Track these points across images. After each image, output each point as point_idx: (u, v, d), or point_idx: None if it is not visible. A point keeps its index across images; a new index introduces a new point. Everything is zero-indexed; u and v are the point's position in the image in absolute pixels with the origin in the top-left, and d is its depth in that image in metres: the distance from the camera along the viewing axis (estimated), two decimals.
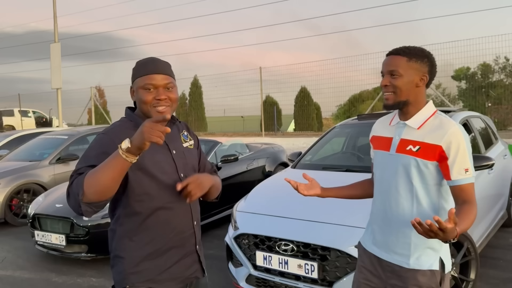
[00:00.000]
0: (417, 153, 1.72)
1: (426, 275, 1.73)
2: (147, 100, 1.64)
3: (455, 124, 1.70)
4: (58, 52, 16.40)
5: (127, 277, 1.66)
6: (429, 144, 1.70)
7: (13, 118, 22.23)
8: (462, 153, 1.66)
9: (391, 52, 1.78)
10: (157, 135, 1.32)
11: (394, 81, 1.73)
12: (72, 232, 4.60)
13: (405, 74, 1.72)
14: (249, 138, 12.97)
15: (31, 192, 6.75)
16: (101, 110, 20.39)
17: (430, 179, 1.72)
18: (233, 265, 3.54)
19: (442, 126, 1.71)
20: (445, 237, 1.41)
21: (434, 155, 1.69)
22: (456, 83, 15.76)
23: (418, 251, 1.75)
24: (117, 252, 1.69)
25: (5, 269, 4.66)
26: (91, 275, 4.36)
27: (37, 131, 9.78)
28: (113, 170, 1.38)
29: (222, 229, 5.36)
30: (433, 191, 1.74)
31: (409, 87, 1.73)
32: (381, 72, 1.80)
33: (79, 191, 1.41)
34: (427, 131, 1.73)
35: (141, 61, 1.70)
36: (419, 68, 1.74)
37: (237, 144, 7.08)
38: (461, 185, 1.67)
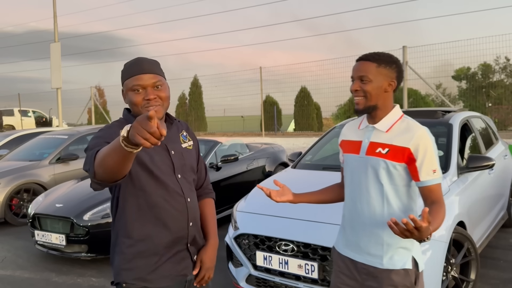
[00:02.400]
0: (386, 155, 1.78)
1: (400, 275, 1.78)
2: (136, 101, 1.62)
3: (421, 127, 1.77)
4: (58, 51, 16.39)
5: (120, 273, 1.67)
6: (398, 147, 1.76)
7: (13, 117, 22.22)
8: (429, 155, 1.72)
9: (361, 58, 1.83)
10: (143, 135, 1.14)
11: (364, 86, 1.78)
12: (72, 232, 4.60)
13: (374, 80, 1.78)
14: (249, 138, 12.96)
15: (31, 191, 6.75)
16: (101, 109, 20.37)
17: (399, 180, 1.78)
18: (233, 265, 3.53)
19: (409, 129, 1.77)
20: (420, 236, 1.46)
21: (402, 157, 1.75)
22: (457, 83, 15.78)
23: (391, 251, 1.79)
24: (114, 247, 1.72)
25: (5, 269, 4.66)
26: (91, 275, 4.36)
27: (37, 131, 9.77)
28: (117, 155, 1.29)
29: (222, 229, 5.34)
30: (402, 192, 1.79)
31: (378, 92, 1.79)
32: (351, 77, 1.85)
33: (90, 168, 1.42)
34: (395, 134, 1.79)
35: (128, 63, 1.68)
36: (387, 74, 1.79)
37: (237, 144, 7.07)
38: (430, 186, 1.73)
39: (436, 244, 2.92)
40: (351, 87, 1.83)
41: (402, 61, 10.68)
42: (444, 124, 4.07)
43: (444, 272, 3.04)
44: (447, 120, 4.11)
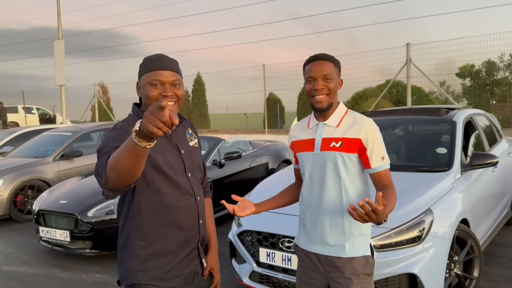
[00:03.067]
0: (341, 148, 1.90)
1: (361, 262, 1.90)
2: (152, 95, 1.63)
3: (367, 118, 1.92)
4: (62, 49, 16.42)
5: (134, 275, 1.66)
6: (350, 139, 1.89)
7: (17, 115, 22.31)
8: (377, 143, 1.88)
9: (320, 58, 1.93)
10: (155, 124, 1.15)
11: (329, 84, 1.90)
12: (76, 228, 4.63)
13: (334, 78, 1.92)
14: (252, 135, 12.96)
15: (36, 188, 6.79)
16: (105, 107, 20.41)
17: (354, 169, 1.91)
18: (237, 261, 3.55)
19: (357, 122, 1.92)
20: (378, 218, 1.57)
21: (355, 148, 1.89)
22: (461, 81, 15.71)
23: (351, 240, 1.90)
24: (125, 248, 1.70)
25: (10, 265, 4.69)
26: (95, 271, 4.38)
27: (41, 127, 9.82)
28: (130, 153, 1.28)
29: (225, 226, 5.37)
30: (357, 180, 1.93)
31: (335, 90, 1.94)
32: (310, 77, 1.92)
33: (102, 174, 1.40)
34: (345, 127, 1.92)
35: (149, 58, 1.70)
36: (338, 73, 1.96)
37: (240, 141, 7.08)
38: (380, 172, 1.88)
39: (439, 241, 2.92)
40: (314, 86, 1.90)
41: (406, 58, 10.69)
42: (448, 122, 4.07)
43: (447, 270, 3.04)
44: (450, 118, 4.11)
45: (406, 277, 2.81)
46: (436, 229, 2.93)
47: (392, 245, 2.82)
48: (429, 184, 3.32)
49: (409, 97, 10.76)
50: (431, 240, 2.89)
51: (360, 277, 1.89)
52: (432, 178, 3.43)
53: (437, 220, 2.97)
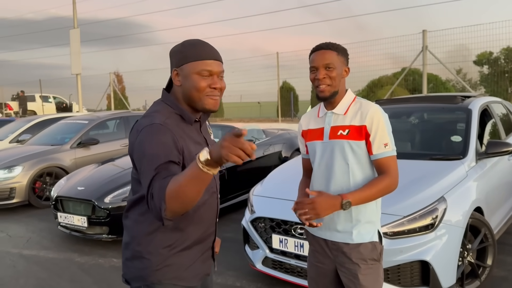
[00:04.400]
0: (348, 136, 1.91)
1: (368, 248, 1.92)
2: (202, 87, 1.53)
3: (374, 105, 1.92)
4: (77, 38, 16.58)
5: (153, 274, 1.56)
6: (356, 126, 1.90)
7: (35, 103, 22.67)
8: (381, 129, 1.86)
9: (322, 47, 1.93)
10: (237, 154, 1.16)
11: (330, 74, 1.90)
12: (94, 214, 4.73)
13: (337, 67, 1.91)
14: (266, 124, 12.97)
15: (54, 175, 6.93)
16: (120, 95, 20.61)
17: (363, 157, 1.91)
18: (250, 247, 3.60)
19: (363, 108, 1.91)
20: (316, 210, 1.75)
21: (361, 135, 1.89)
22: (478, 68, 15.42)
23: (359, 226, 1.92)
24: (143, 246, 1.57)
25: (30, 249, 4.83)
26: (112, 256, 4.49)
27: (58, 116, 9.97)
28: (196, 182, 1.25)
29: (239, 213, 5.43)
30: (366, 168, 1.93)
31: (340, 78, 1.93)
32: (312, 67, 1.94)
33: (161, 205, 1.32)
34: (352, 115, 1.93)
35: (193, 44, 1.57)
36: (343, 61, 1.94)
37: (253, 130, 7.10)
38: (381, 159, 1.87)
39: (452, 229, 2.92)
40: (316, 76, 1.91)
41: (422, 45, 10.52)
42: (463, 110, 4.02)
43: (460, 258, 3.04)
44: (466, 106, 4.06)
45: (418, 264, 2.82)
46: (449, 217, 2.93)
47: (405, 232, 2.83)
48: (443, 172, 3.31)
49: (425, 85, 10.61)
50: (444, 228, 2.89)
51: (368, 263, 1.91)
52: (447, 166, 3.42)
53: (451, 208, 2.96)
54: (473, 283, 3.20)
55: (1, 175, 6.51)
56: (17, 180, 6.53)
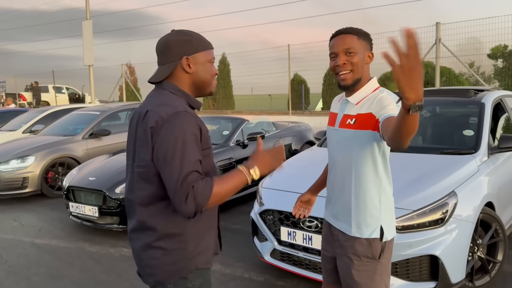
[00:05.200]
0: (354, 126, 1.82)
1: (363, 245, 1.83)
2: (214, 73, 1.68)
3: (385, 91, 1.80)
4: (90, 29, 16.66)
5: (190, 262, 1.59)
6: (363, 114, 1.79)
7: (48, 94, 22.93)
8: (388, 103, 1.71)
9: (341, 32, 1.83)
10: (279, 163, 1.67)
11: (351, 59, 1.78)
12: (105, 204, 4.78)
13: (359, 52, 1.79)
14: (276, 116, 12.95)
15: (66, 165, 7.01)
16: (132, 87, 20.71)
17: (367, 148, 1.79)
18: (258, 239, 3.62)
19: (374, 97, 1.79)
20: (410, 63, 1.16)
21: (369, 124, 1.76)
22: (492, 62, 15.14)
23: (358, 219, 1.84)
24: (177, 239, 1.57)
25: (42, 238, 4.91)
26: (123, 246, 4.54)
27: (71, 107, 10.06)
28: (237, 189, 1.54)
29: (248, 205, 5.45)
30: (370, 160, 1.81)
31: (362, 64, 1.80)
32: (332, 53, 1.83)
33: (203, 203, 1.43)
34: (363, 104, 1.82)
35: (197, 35, 1.67)
36: (366, 45, 1.82)
37: (263, 122, 7.10)
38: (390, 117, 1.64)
39: (462, 224, 2.90)
40: (336, 62, 1.80)
41: (435, 38, 10.37)
42: (476, 103, 3.97)
43: (470, 252, 3.02)
44: (479, 99, 4.00)
45: (427, 258, 2.81)
46: (459, 212, 2.90)
47: (414, 226, 2.82)
48: (454, 166, 3.28)
49: (438, 78, 10.48)
50: (454, 222, 2.87)
51: (361, 259, 1.84)
52: (458, 160, 3.38)
53: (461, 202, 2.93)
54: (483, 278, 3.17)
55: (14, 165, 6.61)
56: (30, 170, 6.63)
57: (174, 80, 1.64)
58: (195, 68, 1.63)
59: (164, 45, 1.63)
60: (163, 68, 1.64)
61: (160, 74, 1.64)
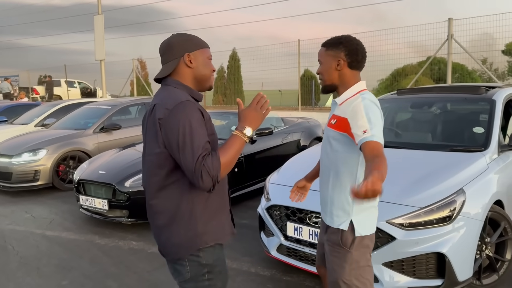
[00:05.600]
0: (334, 126, 2.02)
1: (335, 233, 2.03)
2: (212, 69, 1.87)
3: (362, 99, 1.91)
4: (101, 23, 16.76)
5: (200, 240, 1.73)
6: (341, 117, 1.98)
7: (60, 88, 23.15)
8: (360, 117, 1.84)
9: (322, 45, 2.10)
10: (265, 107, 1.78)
11: (319, 69, 2.08)
12: (114, 198, 4.84)
13: (324, 62, 2.05)
14: (286, 112, 12.92)
15: (77, 159, 7.09)
16: (143, 82, 20.82)
17: (344, 148, 1.97)
18: (265, 234, 3.63)
19: (352, 102, 1.94)
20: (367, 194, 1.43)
21: (344, 127, 1.94)
22: (507, 58, 14.93)
23: (332, 209, 2.05)
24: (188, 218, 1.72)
25: (53, 230, 4.99)
26: (132, 239, 4.59)
27: (82, 101, 10.15)
28: (239, 153, 1.69)
29: (255, 200, 5.45)
30: (348, 158, 1.98)
31: (330, 72, 2.03)
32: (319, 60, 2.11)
33: (217, 175, 1.60)
34: (344, 106, 1.99)
35: (193, 35, 1.86)
36: (334, 54, 2.01)
37: (272, 118, 7.09)
38: (363, 145, 1.77)
39: (470, 222, 2.88)
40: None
41: (447, 33, 10.25)
42: (487, 100, 3.92)
43: (478, 251, 3.00)
44: (490, 96, 3.96)
45: (434, 256, 2.80)
46: (468, 210, 2.88)
47: (421, 224, 2.81)
48: (463, 164, 3.25)
49: (449, 75, 10.36)
50: (462, 220, 2.85)
51: (334, 247, 2.03)
52: (467, 158, 3.35)
53: (470, 200, 2.91)
54: (491, 277, 3.15)
55: (26, 158, 6.71)
56: (42, 163, 6.73)
57: (177, 76, 1.80)
58: (196, 63, 1.80)
59: (167, 46, 1.81)
60: (166, 66, 1.81)
61: (164, 71, 1.81)
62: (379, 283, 2.85)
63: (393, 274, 2.84)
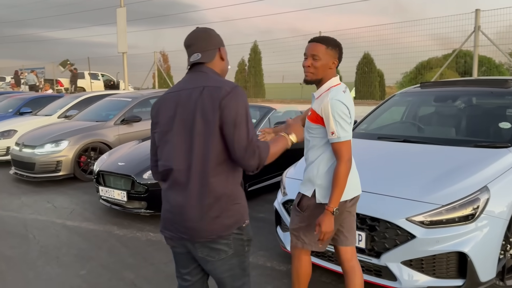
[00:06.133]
0: (310, 118, 2.35)
1: (304, 198, 2.45)
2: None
3: (330, 99, 2.21)
4: (123, 16, 16.91)
5: (245, 214, 1.91)
6: (315, 113, 2.30)
7: (84, 80, 23.57)
8: (330, 119, 2.20)
9: (314, 40, 2.31)
10: None
11: (316, 63, 2.28)
12: (133, 189, 4.87)
13: (323, 58, 2.27)
14: (306, 105, 12.78)
15: (98, 150, 7.18)
16: (164, 75, 20.96)
17: (319, 138, 2.32)
18: (281, 229, 3.59)
19: (324, 98, 2.25)
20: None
21: (317, 120, 2.29)
22: None
23: (304, 182, 2.46)
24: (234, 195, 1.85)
25: (73, 220, 5.07)
26: (149, 230, 4.63)
27: (104, 93, 10.26)
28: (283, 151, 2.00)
29: (273, 194, 5.40)
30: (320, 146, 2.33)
31: (325, 69, 2.29)
32: (305, 54, 2.33)
33: (265, 159, 1.80)
34: (319, 100, 2.30)
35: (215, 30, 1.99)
36: (333, 55, 2.29)
37: (291, 111, 7.02)
38: (332, 146, 2.26)
39: (494, 221, 2.77)
40: (304, 63, 2.32)
41: (474, 25, 9.94)
42: None
43: (502, 251, 2.89)
44: None
45: (455, 255, 2.71)
46: (492, 208, 2.77)
47: (443, 222, 2.72)
48: (488, 160, 3.13)
49: (476, 68, 10.06)
50: (486, 219, 2.74)
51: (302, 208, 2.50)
52: (492, 154, 3.23)
53: (494, 198, 2.80)
54: None
55: (48, 148, 6.84)
56: (64, 154, 6.84)
57: (211, 65, 1.90)
58: (226, 58, 1.95)
59: (206, 34, 1.89)
60: (207, 53, 1.87)
61: (206, 57, 1.87)
62: (397, 282, 2.79)
63: (412, 273, 2.77)
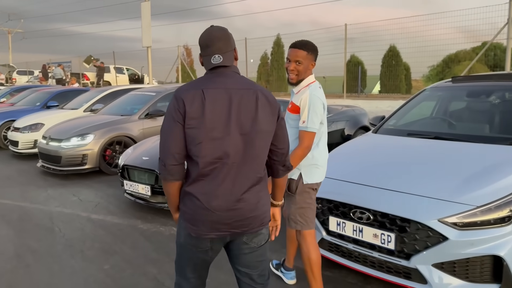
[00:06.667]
0: (289, 109, 2.75)
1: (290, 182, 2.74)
2: None
3: (309, 93, 2.61)
4: (148, 10, 17.01)
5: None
6: (295, 104, 2.70)
7: (109, 74, 23.88)
8: (306, 111, 2.60)
9: (296, 46, 2.66)
10: None
11: (298, 67, 2.66)
12: (157, 184, 4.88)
13: (304, 62, 2.65)
14: (330, 99, 12.61)
15: (123, 144, 7.24)
16: (188, 69, 21.04)
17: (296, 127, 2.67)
18: None
19: (303, 93, 2.64)
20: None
21: (296, 111, 2.68)
22: None
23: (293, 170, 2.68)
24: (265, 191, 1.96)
25: (97, 213, 5.12)
26: (173, 225, 4.62)
27: (128, 87, 10.35)
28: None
29: None
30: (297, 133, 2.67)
31: (306, 70, 2.68)
32: (287, 58, 2.70)
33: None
34: (298, 95, 2.69)
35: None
36: (312, 58, 2.69)
37: None
38: (299, 131, 2.63)
39: None
40: (288, 66, 2.68)
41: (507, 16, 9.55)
42: None
43: None
44: None
45: (490, 259, 2.58)
46: None
47: (477, 224, 2.59)
48: None
49: (509, 61, 9.67)
50: None
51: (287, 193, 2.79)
52: None
53: None
54: None
55: (75, 142, 6.93)
56: (89, 148, 6.92)
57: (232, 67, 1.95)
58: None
59: (226, 34, 1.89)
60: (230, 54, 1.89)
61: (229, 59, 1.89)
62: (428, 285, 2.68)
63: (443, 276, 2.65)
